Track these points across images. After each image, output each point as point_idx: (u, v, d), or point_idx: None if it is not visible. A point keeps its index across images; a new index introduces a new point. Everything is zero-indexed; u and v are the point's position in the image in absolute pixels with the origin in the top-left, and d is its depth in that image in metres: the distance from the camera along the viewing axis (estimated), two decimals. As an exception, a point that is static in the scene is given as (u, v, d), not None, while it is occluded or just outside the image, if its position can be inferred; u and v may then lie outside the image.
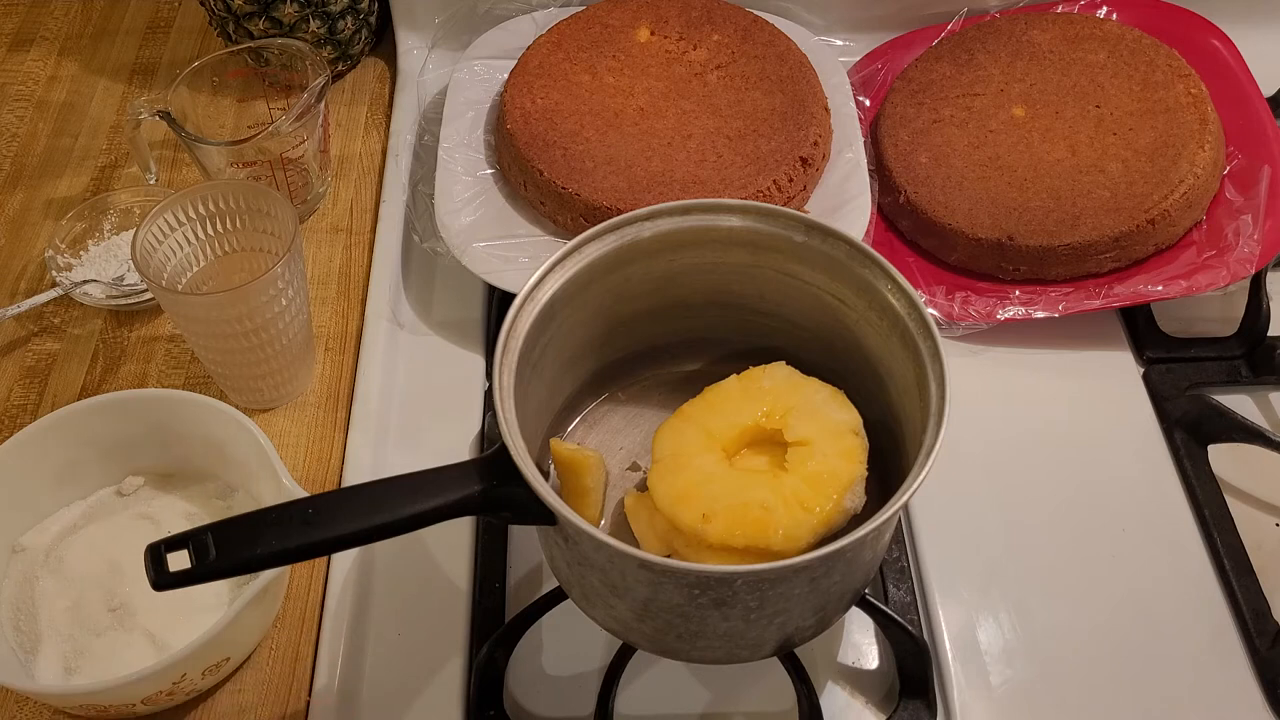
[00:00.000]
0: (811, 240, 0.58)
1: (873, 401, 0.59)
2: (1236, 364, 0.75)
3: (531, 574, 0.67)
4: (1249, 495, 0.70)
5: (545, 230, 0.78)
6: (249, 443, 0.63)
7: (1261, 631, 0.63)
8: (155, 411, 0.66)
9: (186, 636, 0.57)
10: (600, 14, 0.85)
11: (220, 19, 0.90)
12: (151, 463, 0.67)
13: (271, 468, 0.62)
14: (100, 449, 0.66)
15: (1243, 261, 0.72)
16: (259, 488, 0.65)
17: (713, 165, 0.77)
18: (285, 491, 0.61)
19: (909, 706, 0.61)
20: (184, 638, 0.57)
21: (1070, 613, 0.65)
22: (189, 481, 0.68)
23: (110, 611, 0.61)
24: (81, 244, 0.81)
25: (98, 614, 0.61)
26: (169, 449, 0.67)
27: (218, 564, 0.48)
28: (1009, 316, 0.75)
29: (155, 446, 0.67)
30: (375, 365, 0.76)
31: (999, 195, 0.77)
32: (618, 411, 0.67)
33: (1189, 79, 0.79)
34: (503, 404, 0.52)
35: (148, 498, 0.67)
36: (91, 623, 0.61)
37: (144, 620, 0.61)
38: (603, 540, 0.49)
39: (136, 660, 0.58)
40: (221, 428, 0.65)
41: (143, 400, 0.66)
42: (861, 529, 0.48)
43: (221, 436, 0.65)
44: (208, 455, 0.67)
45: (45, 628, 0.61)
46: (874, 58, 0.91)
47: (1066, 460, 0.71)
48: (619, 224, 0.58)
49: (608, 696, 0.60)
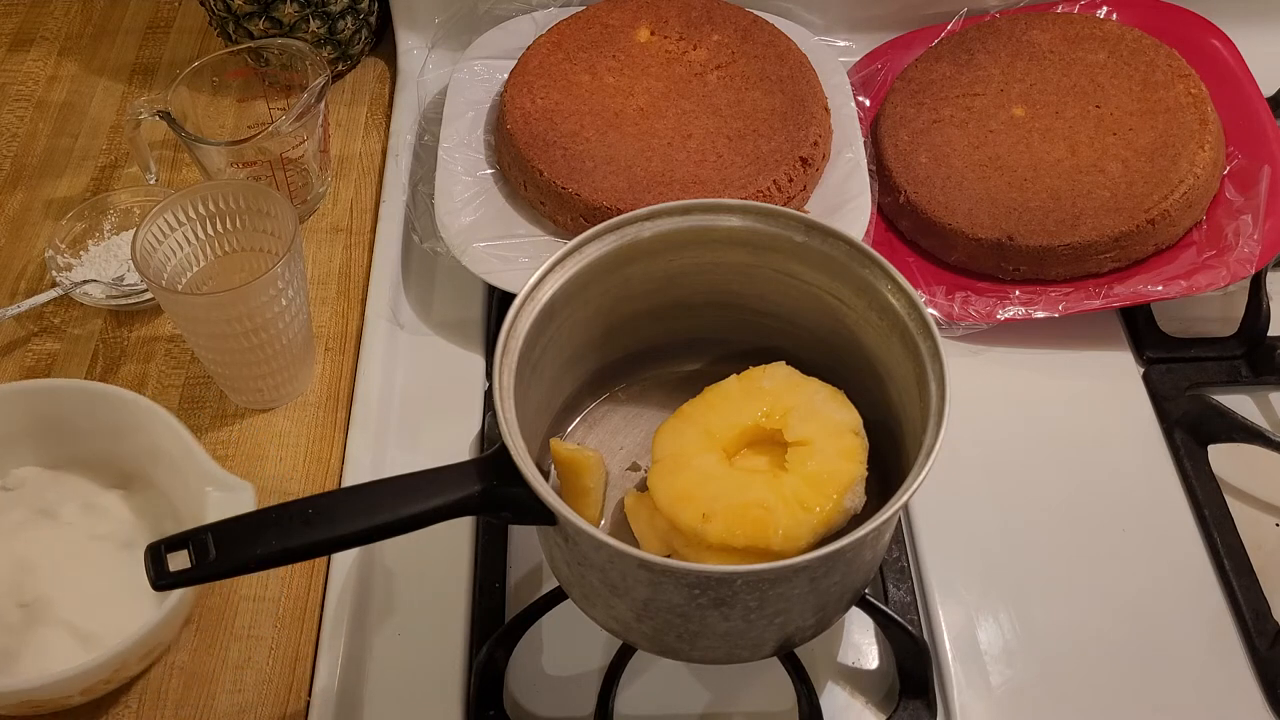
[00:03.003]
0: (811, 240, 0.58)
1: (873, 401, 0.59)
2: (1236, 364, 0.75)
3: (531, 574, 0.67)
4: (1249, 495, 0.70)
5: (545, 230, 0.78)
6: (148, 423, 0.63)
7: (1261, 631, 0.63)
8: (38, 405, 0.65)
9: (109, 620, 0.57)
10: (600, 14, 0.85)
11: (220, 19, 0.90)
12: (39, 456, 0.67)
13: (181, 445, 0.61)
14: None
15: (1243, 261, 0.72)
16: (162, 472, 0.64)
17: (713, 165, 0.77)
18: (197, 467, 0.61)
19: (909, 706, 0.61)
20: (106, 622, 0.57)
21: (1070, 613, 0.65)
22: (82, 471, 0.67)
23: (21, 607, 0.61)
24: (81, 244, 0.81)
25: (7, 611, 0.61)
26: (59, 442, 0.66)
27: (217, 564, 0.48)
28: (1009, 316, 0.75)
29: (42, 440, 0.66)
30: (375, 365, 0.76)
31: (999, 195, 0.77)
32: (618, 411, 0.67)
33: (1189, 79, 0.79)
34: (503, 404, 0.52)
35: (38, 490, 0.66)
36: (3, 621, 0.60)
37: (61, 612, 0.60)
38: (603, 540, 0.49)
39: (62, 653, 0.58)
40: (113, 413, 0.64)
41: (21, 394, 0.65)
42: (861, 529, 0.48)
43: (114, 422, 0.64)
44: (99, 443, 0.65)
45: None
46: (874, 58, 0.91)
47: (1066, 460, 0.71)
48: (619, 224, 0.58)
49: (608, 696, 0.60)
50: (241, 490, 0.61)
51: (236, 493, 0.61)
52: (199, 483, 0.62)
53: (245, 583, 0.66)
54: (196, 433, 0.73)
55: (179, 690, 0.63)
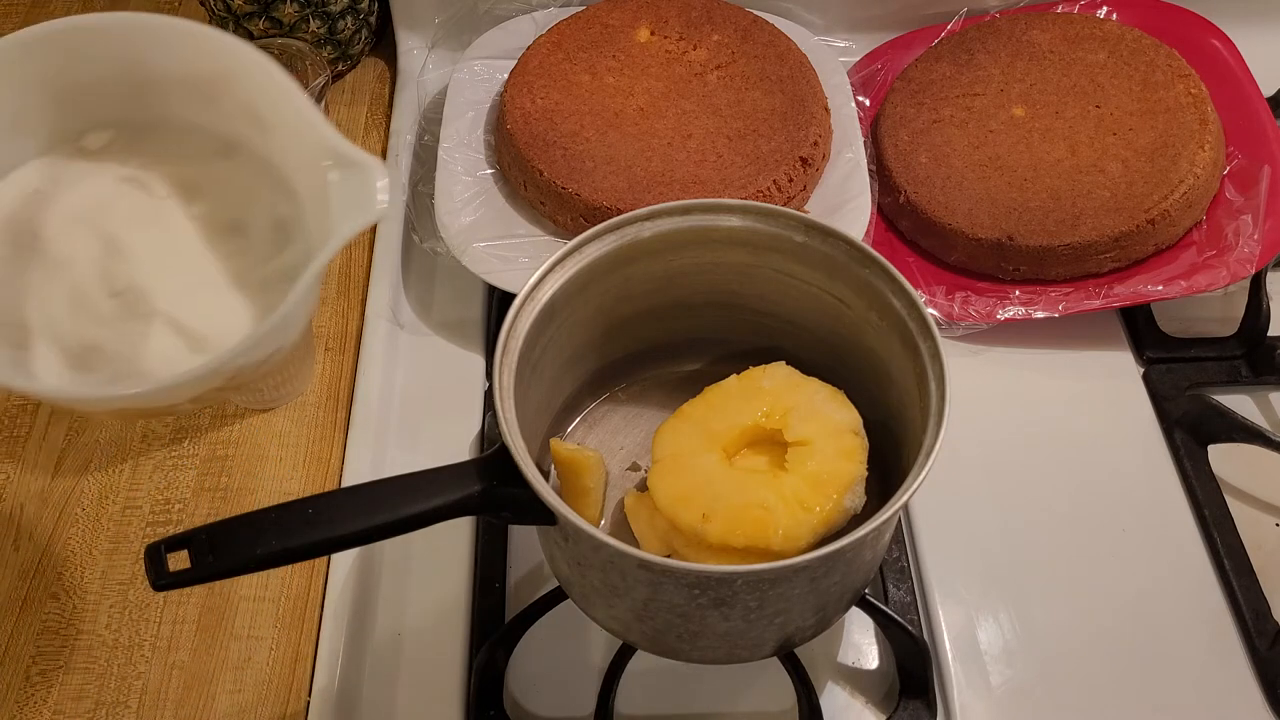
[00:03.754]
0: (811, 240, 0.58)
1: (873, 401, 0.59)
2: (1236, 364, 0.75)
3: (531, 574, 0.67)
4: (1249, 495, 0.70)
5: (545, 230, 0.78)
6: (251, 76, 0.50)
7: (1261, 631, 0.63)
8: (121, 45, 0.52)
9: (214, 316, 0.48)
10: (600, 14, 0.85)
11: (220, 19, 0.90)
12: (119, 113, 0.54)
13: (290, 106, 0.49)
14: (49, 95, 0.52)
15: (1243, 261, 0.72)
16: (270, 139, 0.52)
17: (713, 165, 0.77)
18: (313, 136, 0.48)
19: (909, 706, 0.61)
20: (210, 318, 0.49)
21: (1070, 613, 0.65)
22: (170, 136, 0.54)
23: (114, 296, 0.50)
24: (81, 243, 0.80)
25: (98, 300, 0.50)
26: (145, 96, 0.53)
27: (217, 564, 0.48)
28: (1009, 316, 0.75)
29: (126, 92, 0.53)
30: (375, 365, 0.76)
31: (999, 195, 0.77)
32: (618, 411, 0.67)
33: (1189, 79, 0.79)
34: (503, 404, 0.52)
35: (121, 159, 0.54)
36: (93, 311, 0.50)
37: (160, 303, 0.50)
38: (603, 540, 0.49)
39: (163, 352, 0.49)
40: (215, 62, 0.52)
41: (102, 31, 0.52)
42: (861, 529, 0.48)
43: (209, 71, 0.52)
44: (192, 99, 0.53)
45: (34, 318, 0.50)
46: (874, 58, 0.91)
47: (1066, 460, 0.71)
48: (619, 224, 0.58)
49: (608, 696, 0.60)
50: (368, 170, 0.49)
51: (362, 173, 0.49)
52: (315, 155, 0.50)
53: (245, 583, 0.66)
54: (196, 433, 0.73)
55: (179, 690, 0.63)
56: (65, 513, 0.70)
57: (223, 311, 0.48)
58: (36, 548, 0.69)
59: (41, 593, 0.67)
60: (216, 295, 0.50)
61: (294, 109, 0.49)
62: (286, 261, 0.49)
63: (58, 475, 0.72)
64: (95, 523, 0.69)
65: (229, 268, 0.51)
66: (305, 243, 0.50)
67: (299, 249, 0.50)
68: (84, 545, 0.69)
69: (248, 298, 0.50)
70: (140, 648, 0.65)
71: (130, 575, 0.67)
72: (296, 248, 0.50)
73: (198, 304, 0.50)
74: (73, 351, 0.49)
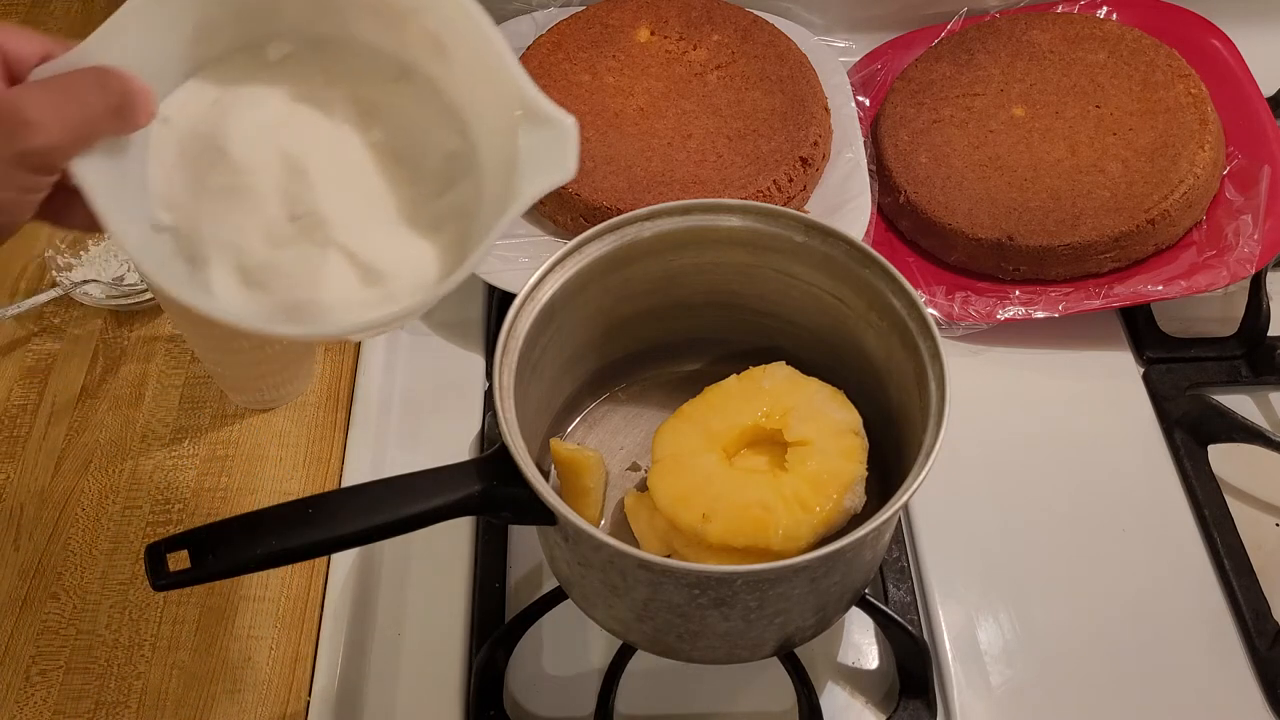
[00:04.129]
0: (811, 240, 0.58)
1: (873, 401, 0.59)
2: (1236, 364, 0.75)
3: (531, 574, 0.67)
4: (1249, 495, 0.70)
5: (545, 230, 0.78)
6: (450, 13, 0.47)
7: (1261, 631, 0.63)
8: None
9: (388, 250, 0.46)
10: (600, 14, 0.85)
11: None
12: (300, 26, 0.51)
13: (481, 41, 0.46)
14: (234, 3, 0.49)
15: (1243, 261, 0.72)
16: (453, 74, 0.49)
17: (713, 165, 0.77)
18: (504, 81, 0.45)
19: (909, 706, 0.61)
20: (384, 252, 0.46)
21: (1070, 613, 0.65)
22: (348, 55, 0.51)
23: (294, 220, 0.48)
24: (81, 244, 0.81)
25: (278, 221, 0.47)
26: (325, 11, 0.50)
27: (217, 564, 0.48)
28: (1009, 316, 0.75)
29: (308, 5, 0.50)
30: (375, 365, 0.76)
31: (999, 195, 0.77)
32: (618, 411, 0.67)
33: (1189, 79, 0.79)
34: (503, 404, 0.52)
35: (300, 74, 0.50)
36: (274, 233, 0.47)
37: (338, 235, 0.47)
38: (603, 540, 0.49)
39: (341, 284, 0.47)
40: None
41: None
42: (861, 529, 0.48)
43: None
44: (379, 23, 0.50)
45: (215, 234, 0.47)
46: (874, 58, 0.91)
47: (1066, 460, 0.71)
48: (619, 224, 0.58)
49: (608, 696, 0.60)
50: (564, 129, 0.45)
51: (558, 131, 0.45)
52: (502, 99, 0.46)
53: (245, 583, 0.66)
54: (196, 433, 0.73)
55: (179, 690, 0.63)
56: (65, 513, 0.70)
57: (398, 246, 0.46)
58: (36, 548, 0.69)
59: (41, 593, 0.67)
60: (392, 229, 0.48)
61: (489, 49, 0.46)
62: (456, 199, 0.47)
63: (58, 475, 0.72)
64: (95, 523, 0.69)
65: (401, 200, 0.49)
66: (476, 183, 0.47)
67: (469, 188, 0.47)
68: (84, 545, 0.69)
69: (421, 235, 0.48)
70: (140, 648, 0.65)
71: (130, 575, 0.67)
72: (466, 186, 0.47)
73: (374, 237, 0.48)
74: (249, 270, 0.47)
